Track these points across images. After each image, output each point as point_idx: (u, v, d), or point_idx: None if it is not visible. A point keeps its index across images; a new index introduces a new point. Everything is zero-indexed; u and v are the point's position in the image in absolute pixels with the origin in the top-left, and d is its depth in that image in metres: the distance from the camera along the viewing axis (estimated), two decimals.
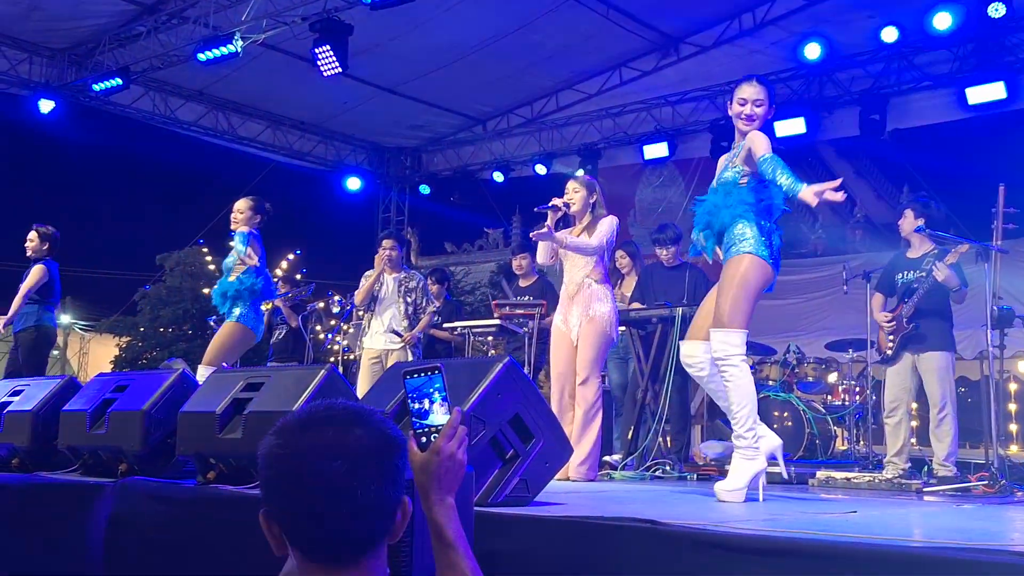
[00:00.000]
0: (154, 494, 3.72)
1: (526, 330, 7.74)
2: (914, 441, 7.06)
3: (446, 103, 14.42)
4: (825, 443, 8.61)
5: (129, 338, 21.10)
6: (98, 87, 11.85)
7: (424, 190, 15.96)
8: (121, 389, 4.44)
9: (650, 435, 6.65)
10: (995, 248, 6.24)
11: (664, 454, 6.69)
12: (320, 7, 10.49)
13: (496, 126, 15.07)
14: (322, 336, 12.11)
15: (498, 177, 14.96)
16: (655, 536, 2.59)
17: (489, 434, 3.25)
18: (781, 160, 4.01)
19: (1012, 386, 10.54)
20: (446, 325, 8.77)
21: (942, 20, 10.31)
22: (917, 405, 7.05)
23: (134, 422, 4.14)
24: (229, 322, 6.42)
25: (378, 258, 7.86)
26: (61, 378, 5.00)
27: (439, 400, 2.05)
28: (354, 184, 15.50)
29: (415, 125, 15.16)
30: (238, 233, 6.47)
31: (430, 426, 2.03)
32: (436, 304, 8.83)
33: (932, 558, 2.16)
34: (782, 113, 11.30)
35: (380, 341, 7.72)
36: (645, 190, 17.61)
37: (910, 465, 6.45)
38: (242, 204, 6.56)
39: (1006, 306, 6.44)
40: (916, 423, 6.63)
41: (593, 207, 5.92)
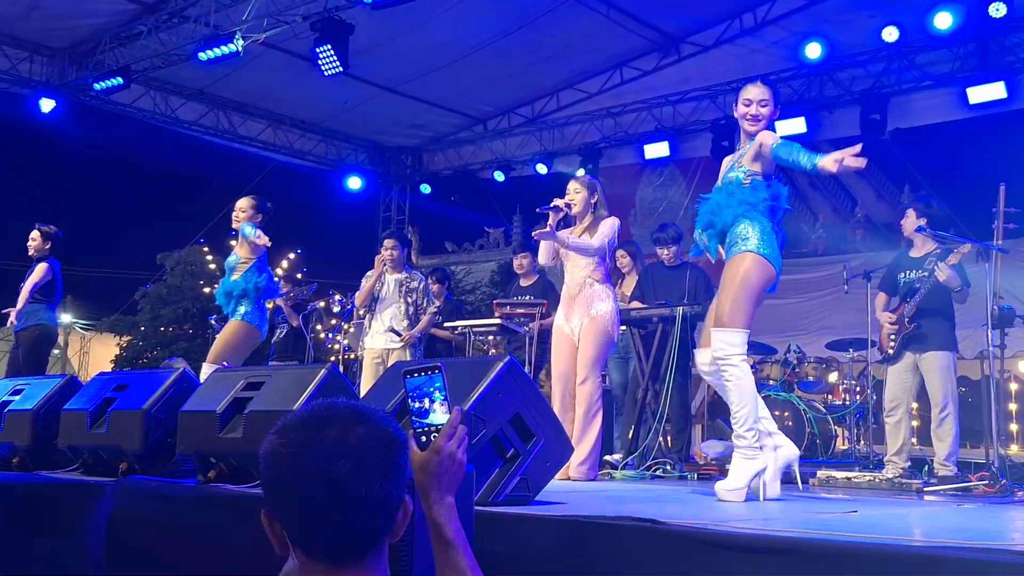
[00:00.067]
0: (154, 493, 3.72)
1: (527, 329, 7.73)
2: (915, 441, 7.06)
3: (447, 102, 14.42)
4: (826, 443, 8.61)
5: (130, 337, 21.08)
6: (99, 86, 11.85)
7: (425, 189, 15.96)
8: (121, 388, 4.44)
9: (650, 434, 6.65)
10: (996, 248, 6.24)
11: (665, 453, 6.68)
12: (321, 6, 10.49)
13: (497, 125, 15.07)
14: (323, 336, 12.11)
15: (499, 176, 14.96)
16: (656, 535, 2.59)
17: (490, 433, 3.25)
18: (796, 143, 4.04)
19: (1012, 386, 10.53)
20: (447, 324, 8.76)
21: (943, 20, 10.31)
22: (918, 405, 7.05)
23: (134, 421, 4.14)
24: (234, 321, 6.41)
25: (378, 259, 7.86)
26: (61, 377, 5.00)
27: (439, 399, 2.05)
28: (355, 183, 15.50)
29: (416, 124, 15.16)
30: (244, 224, 6.45)
31: (430, 425, 2.03)
32: (437, 304, 8.83)
33: (932, 558, 2.16)
34: (782, 113, 11.27)
35: (381, 341, 7.71)
36: (646, 190, 17.60)
37: (910, 464, 6.45)
38: (244, 203, 6.56)
39: (1007, 305, 6.45)
40: (917, 423, 6.64)
41: (594, 207, 5.91)
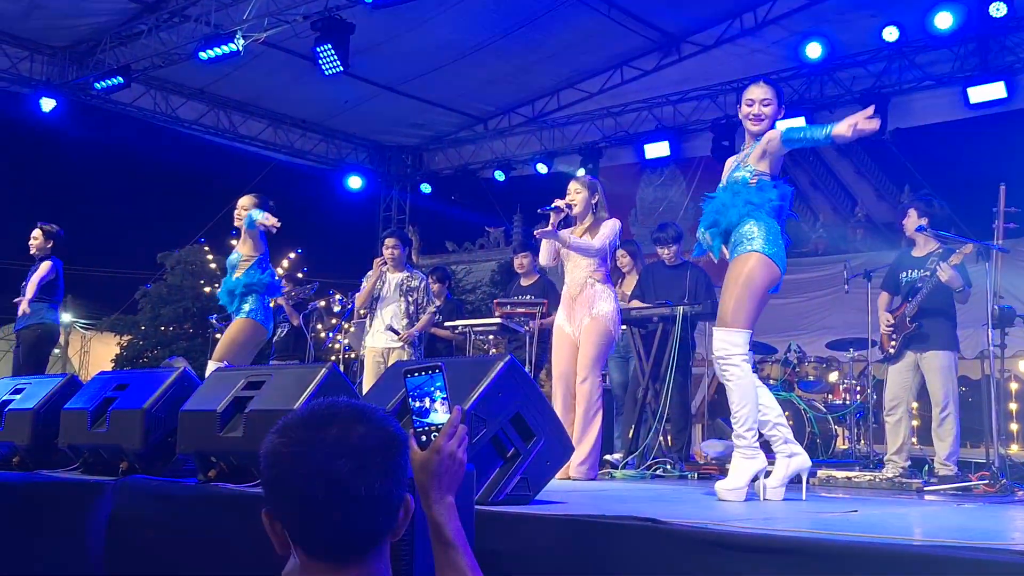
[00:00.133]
0: (155, 492, 3.72)
1: (527, 329, 7.73)
2: (915, 440, 7.06)
3: (447, 102, 14.41)
4: (826, 442, 8.60)
5: (130, 337, 21.10)
6: (99, 85, 11.86)
7: (425, 189, 15.96)
8: (122, 388, 4.44)
9: (651, 434, 6.65)
10: (996, 247, 6.24)
11: (665, 453, 6.68)
12: (321, 6, 10.49)
13: (497, 125, 15.07)
14: (323, 335, 12.11)
15: (499, 176, 14.96)
16: (656, 535, 2.59)
17: (490, 433, 3.24)
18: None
19: (1013, 385, 10.53)
20: (447, 324, 8.76)
21: (943, 19, 10.30)
22: (918, 404, 7.05)
23: (135, 420, 4.14)
24: (239, 319, 6.41)
25: (377, 262, 7.87)
26: (62, 376, 4.99)
27: (440, 399, 2.05)
28: (355, 183, 15.49)
29: (416, 124, 15.15)
30: (251, 211, 6.44)
31: (430, 425, 2.03)
32: (437, 303, 8.83)
33: (933, 557, 2.16)
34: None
35: (382, 340, 7.71)
36: (646, 189, 17.62)
37: (910, 463, 6.45)
38: (245, 201, 6.56)
39: (1007, 305, 6.45)
40: (917, 422, 6.64)
41: (595, 208, 5.89)
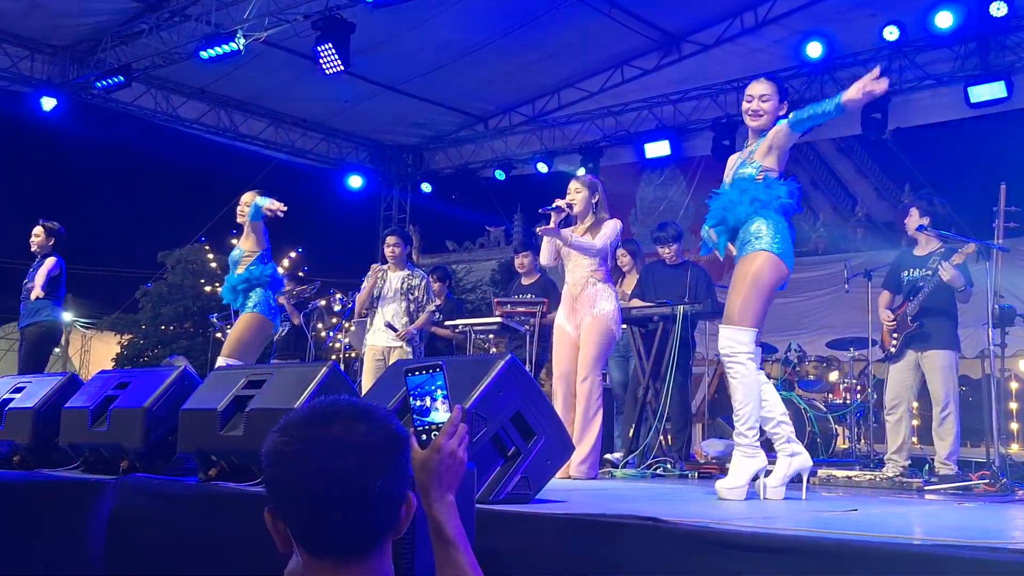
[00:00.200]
0: (155, 491, 3.72)
1: (527, 328, 7.73)
2: (915, 440, 7.07)
3: (448, 101, 14.41)
4: (826, 441, 8.61)
5: (130, 336, 21.13)
6: (100, 84, 11.86)
7: (426, 188, 15.96)
8: (123, 386, 4.44)
9: (651, 433, 6.65)
10: (997, 247, 6.24)
11: (665, 452, 6.69)
12: (322, 5, 10.49)
13: (497, 124, 15.06)
14: (324, 334, 12.11)
15: (499, 175, 14.96)
16: (656, 534, 2.59)
17: (491, 431, 3.25)
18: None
19: (1013, 385, 10.52)
20: (447, 323, 8.76)
21: (944, 19, 10.29)
22: (918, 404, 7.05)
23: (135, 419, 4.14)
24: (245, 314, 6.40)
25: (374, 267, 7.90)
26: (62, 375, 4.99)
27: (440, 398, 2.05)
28: (356, 182, 15.49)
29: (417, 123, 15.15)
30: (256, 199, 6.42)
31: (431, 424, 2.03)
32: (437, 302, 8.83)
33: (933, 556, 2.16)
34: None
35: (382, 338, 7.72)
36: (646, 188, 17.64)
37: (910, 462, 6.45)
38: (248, 197, 6.56)
39: (1007, 304, 6.44)
40: (917, 422, 6.63)
41: (595, 207, 5.88)
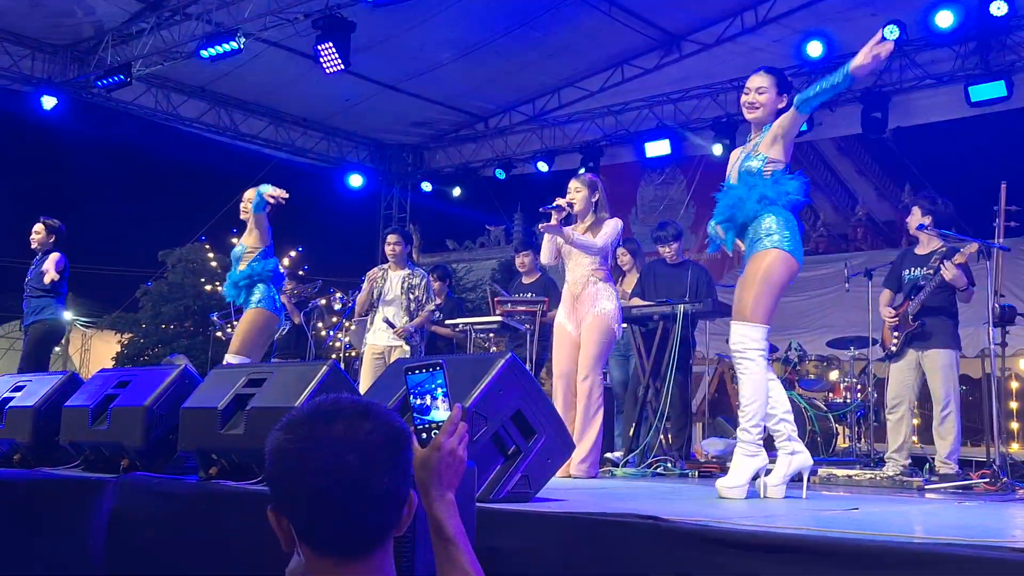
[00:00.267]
0: (156, 490, 3.71)
1: (528, 327, 7.73)
2: (915, 439, 7.06)
3: (448, 100, 14.42)
4: (827, 440, 8.61)
5: (131, 335, 21.12)
6: (100, 83, 11.86)
7: (426, 187, 15.96)
8: (123, 385, 4.44)
9: (651, 432, 6.65)
10: (997, 246, 6.24)
11: (665, 451, 6.68)
12: (322, 4, 10.50)
13: (498, 123, 15.06)
14: (324, 333, 12.11)
15: (500, 174, 14.96)
16: (657, 533, 2.59)
17: (491, 430, 3.24)
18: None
19: (1013, 384, 10.53)
20: (448, 322, 8.76)
21: (944, 18, 10.29)
22: (918, 403, 7.05)
23: (136, 418, 4.13)
24: (249, 310, 6.39)
25: (369, 276, 7.91)
26: (63, 374, 5.00)
27: (440, 396, 2.04)
28: (356, 181, 15.50)
29: (417, 122, 15.15)
30: (259, 187, 6.41)
31: (431, 422, 2.03)
32: (438, 301, 8.83)
33: (934, 554, 2.16)
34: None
35: (383, 338, 7.72)
36: (647, 188, 17.65)
37: (910, 462, 6.45)
38: (250, 194, 6.54)
39: (1007, 304, 6.44)
40: (918, 421, 6.63)
41: (596, 206, 5.86)
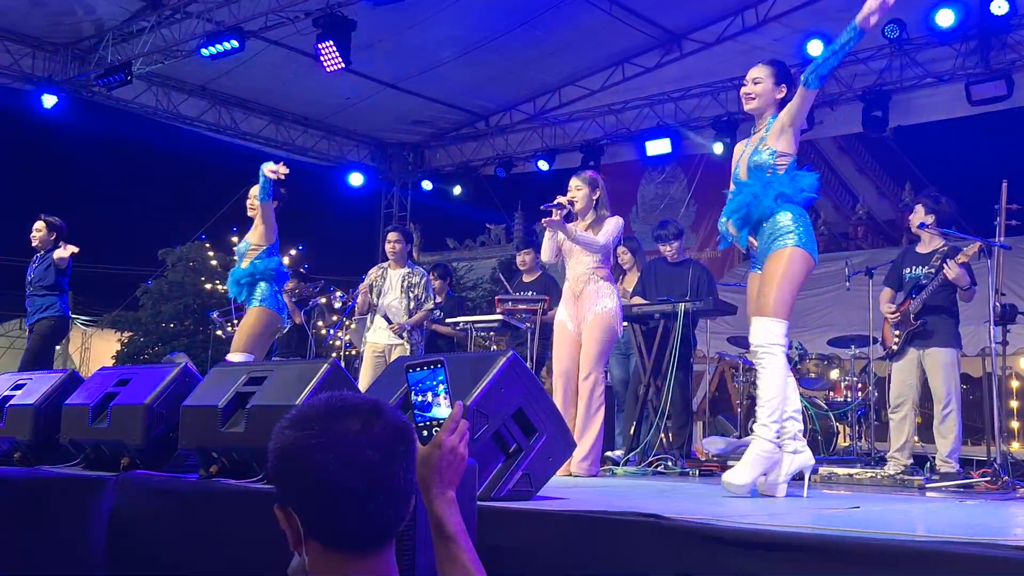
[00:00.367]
0: (156, 488, 3.71)
1: (528, 325, 7.72)
2: (916, 438, 7.05)
3: (449, 99, 14.41)
4: (827, 439, 8.60)
5: (131, 333, 21.13)
6: (101, 82, 11.85)
7: (426, 186, 15.96)
8: (123, 383, 4.43)
9: (652, 431, 6.65)
10: (998, 244, 6.23)
11: (666, 450, 6.68)
12: (323, 2, 10.49)
13: (498, 122, 15.06)
14: (324, 332, 12.11)
15: (500, 173, 14.96)
16: (658, 531, 2.58)
17: (492, 428, 3.24)
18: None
19: (1014, 383, 10.53)
20: (448, 320, 8.76)
21: (945, 17, 10.29)
22: (919, 402, 7.04)
23: (136, 416, 4.13)
24: (251, 308, 6.37)
25: (362, 287, 7.91)
26: (63, 372, 5.00)
27: (442, 393, 2.04)
28: (356, 180, 15.50)
29: (417, 121, 15.15)
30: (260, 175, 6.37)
31: (433, 419, 2.03)
32: (438, 299, 8.83)
33: (935, 553, 2.16)
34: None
35: (383, 336, 7.71)
36: (647, 186, 17.65)
37: (912, 461, 6.44)
38: (255, 190, 6.51)
39: (1008, 303, 6.44)
40: (919, 420, 6.62)
41: (596, 204, 5.86)
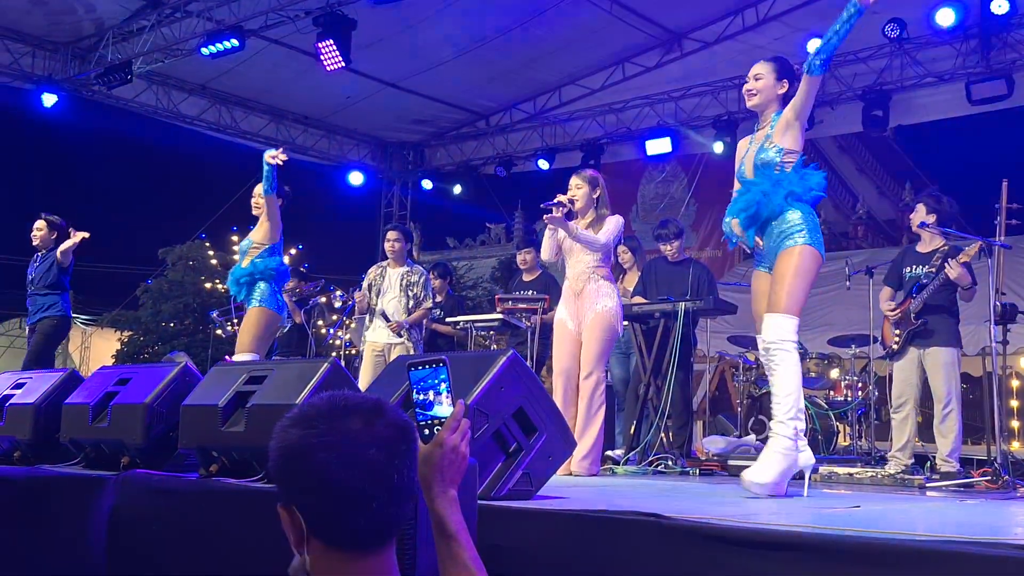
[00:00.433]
0: (156, 487, 3.71)
1: (528, 324, 7.72)
2: (916, 437, 7.05)
3: (449, 98, 14.42)
4: (827, 439, 8.59)
5: (131, 332, 21.13)
6: (101, 81, 11.85)
7: (426, 185, 15.96)
8: (123, 382, 4.43)
9: (652, 430, 6.65)
10: (998, 244, 6.23)
11: (666, 449, 6.68)
12: (323, 1, 10.49)
13: (499, 121, 15.06)
14: (324, 331, 12.10)
15: (501, 172, 14.96)
16: (659, 530, 2.58)
17: (492, 427, 3.24)
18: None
19: (1014, 382, 10.52)
20: (448, 320, 8.75)
21: (945, 16, 10.29)
22: (920, 401, 7.04)
23: (136, 415, 4.13)
24: (250, 308, 6.36)
25: (359, 295, 7.90)
26: (63, 371, 5.00)
27: (444, 392, 2.04)
28: (357, 179, 15.50)
29: (418, 120, 15.16)
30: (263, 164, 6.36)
31: (434, 418, 2.03)
32: (438, 299, 8.83)
33: (935, 552, 2.16)
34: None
35: (383, 335, 7.70)
36: (647, 185, 17.66)
37: (913, 461, 6.44)
38: (260, 189, 6.49)
39: (1008, 302, 6.43)
40: (919, 419, 6.62)
41: (597, 202, 5.85)
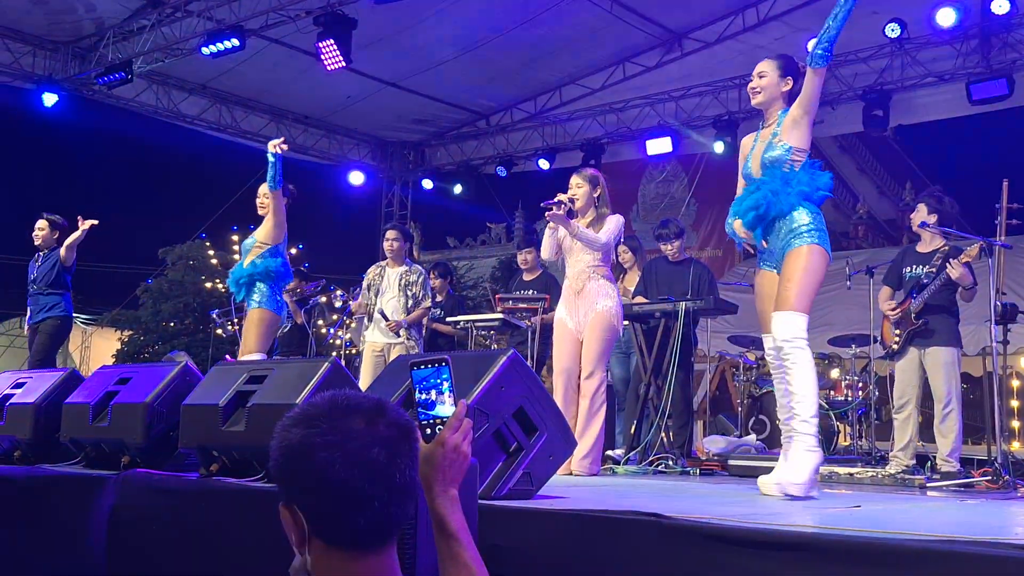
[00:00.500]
0: (156, 487, 3.72)
1: (529, 324, 7.72)
2: (917, 438, 7.05)
3: (449, 98, 14.42)
4: (828, 439, 8.59)
5: (131, 332, 21.11)
6: (101, 81, 11.85)
7: (427, 184, 15.96)
8: (124, 382, 4.44)
9: (652, 430, 6.64)
10: (999, 243, 6.23)
11: (666, 449, 6.67)
12: (324, 1, 10.49)
13: (499, 121, 15.06)
14: (324, 331, 12.10)
15: (501, 172, 14.95)
16: (659, 530, 2.59)
17: (493, 427, 3.24)
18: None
19: (1014, 382, 10.52)
20: (449, 319, 8.75)
21: (946, 16, 10.29)
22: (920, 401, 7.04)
23: (136, 415, 4.13)
24: (250, 309, 6.37)
25: (355, 305, 7.91)
26: (63, 371, 5.00)
27: (446, 392, 2.04)
28: (357, 178, 15.50)
29: (418, 119, 15.16)
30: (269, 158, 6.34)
31: (436, 418, 2.03)
32: (438, 299, 8.83)
33: (936, 552, 2.16)
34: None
35: (383, 335, 7.70)
36: (648, 185, 17.66)
37: (914, 462, 6.43)
38: (265, 188, 6.48)
39: (1008, 302, 6.43)
40: (920, 419, 6.61)
41: (597, 201, 5.85)
